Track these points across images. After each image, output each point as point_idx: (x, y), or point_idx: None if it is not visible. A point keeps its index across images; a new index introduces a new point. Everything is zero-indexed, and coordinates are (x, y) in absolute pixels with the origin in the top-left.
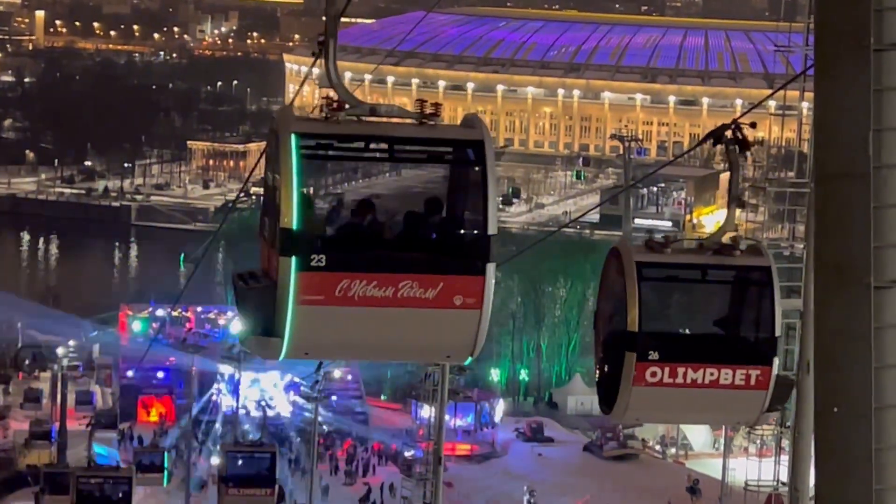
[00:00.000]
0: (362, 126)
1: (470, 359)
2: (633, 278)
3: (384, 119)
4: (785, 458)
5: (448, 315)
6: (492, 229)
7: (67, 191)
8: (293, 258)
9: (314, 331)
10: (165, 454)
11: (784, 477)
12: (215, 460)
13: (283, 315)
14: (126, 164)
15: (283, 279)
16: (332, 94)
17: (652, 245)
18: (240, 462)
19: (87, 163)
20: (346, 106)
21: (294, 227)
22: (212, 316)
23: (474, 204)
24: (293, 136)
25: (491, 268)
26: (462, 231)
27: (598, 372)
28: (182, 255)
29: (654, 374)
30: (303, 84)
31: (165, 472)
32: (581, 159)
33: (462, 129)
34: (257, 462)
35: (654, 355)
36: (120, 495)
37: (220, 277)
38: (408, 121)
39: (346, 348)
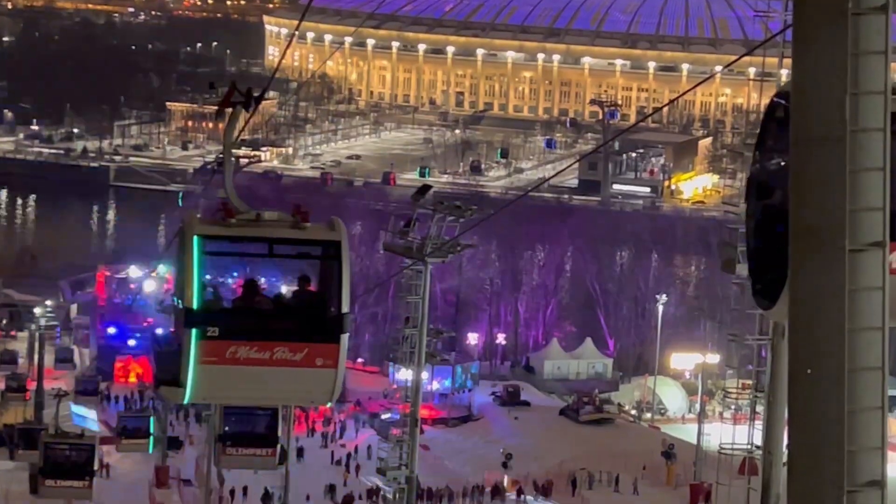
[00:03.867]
0: (249, 229)
1: (330, 403)
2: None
3: (268, 221)
4: (759, 424)
5: (312, 372)
6: (345, 308)
7: (46, 151)
8: (193, 330)
9: (210, 383)
10: (151, 419)
11: (758, 441)
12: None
13: (186, 372)
14: (105, 125)
15: (185, 345)
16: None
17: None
18: (239, 420)
19: (71, 127)
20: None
21: (195, 306)
22: None
23: (333, 288)
24: (195, 238)
25: (344, 337)
26: (323, 309)
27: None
28: (181, 194)
29: None
30: (285, 51)
31: (151, 438)
32: (568, 121)
33: (326, 230)
34: (257, 420)
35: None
36: (84, 460)
37: None
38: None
39: (234, 396)
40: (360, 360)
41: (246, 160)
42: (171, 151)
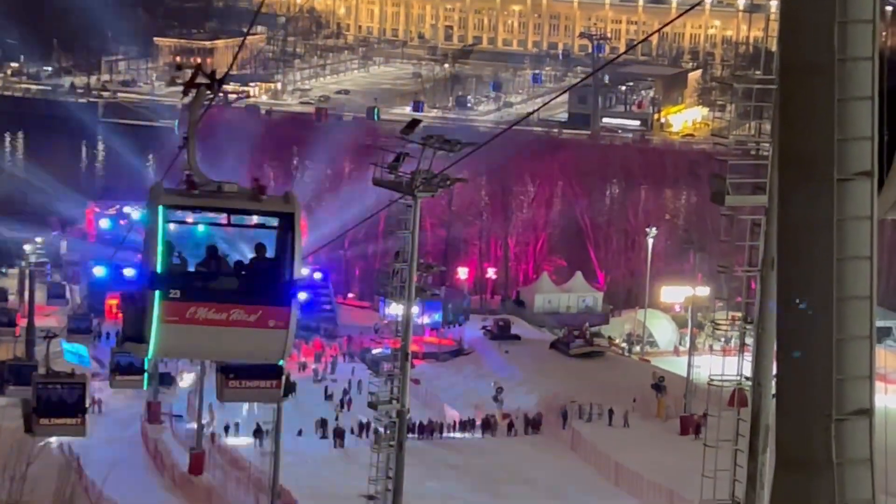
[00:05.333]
0: (210, 200)
1: (281, 361)
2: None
3: (229, 193)
4: (748, 355)
5: (265, 333)
6: (297, 275)
7: (33, 87)
8: (157, 292)
9: (171, 341)
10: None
11: (747, 372)
12: None
13: (150, 330)
14: (92, 61)
15: (150, 306)
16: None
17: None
18: None
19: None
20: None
21: (159, 270)
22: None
23: (286, 257)
24: (160, 207)
25: (295, 302)
26: (276, 276)
27: None
28: (176, 122)
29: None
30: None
31: (146, 375)
32: (560, 54)
33: (281, 203)
34: None
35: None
36: (76, 398)
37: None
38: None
39: (193, 353)
40: (350, 294)
41: (234, 95)
42: (159, 87)
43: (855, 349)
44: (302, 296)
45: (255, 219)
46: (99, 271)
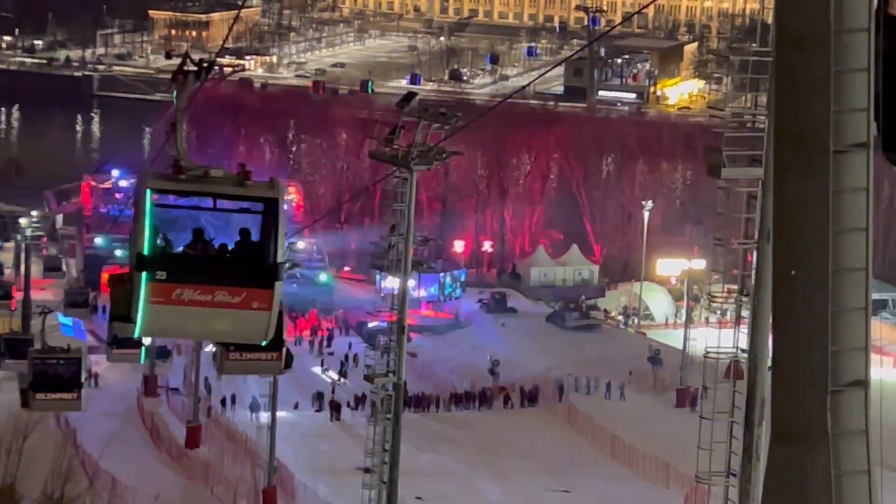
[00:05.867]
0: (196, 184)
1: (264, 342)
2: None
3: (215, 177)
4: (744, 328)
5: (248, 314)
6: (280, 258)
7: (28, 60)
8: (144, 273)
9: (157, 321)
10: None
11: (743, 345)
12: None
13: (137, 310)
14: (87, 34)
15: (137, 286)
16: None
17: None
18: None
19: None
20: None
21: (145, 252)
22: None
23: (270, 241)
24: (148, 191)
25: (278, 284)
26: (260, 259)
27: None
28: (174, 93)
29: None
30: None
31: (143, 349)
32: (557, 27)
33: (265, 188)
34: None
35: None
36: (72, 373)
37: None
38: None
39: (179, 332)
40: (346, 268)
41: (230, 69)
42: (154, 60)
43: (851, 321)
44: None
45: (240, 203)
46: (96, 242)
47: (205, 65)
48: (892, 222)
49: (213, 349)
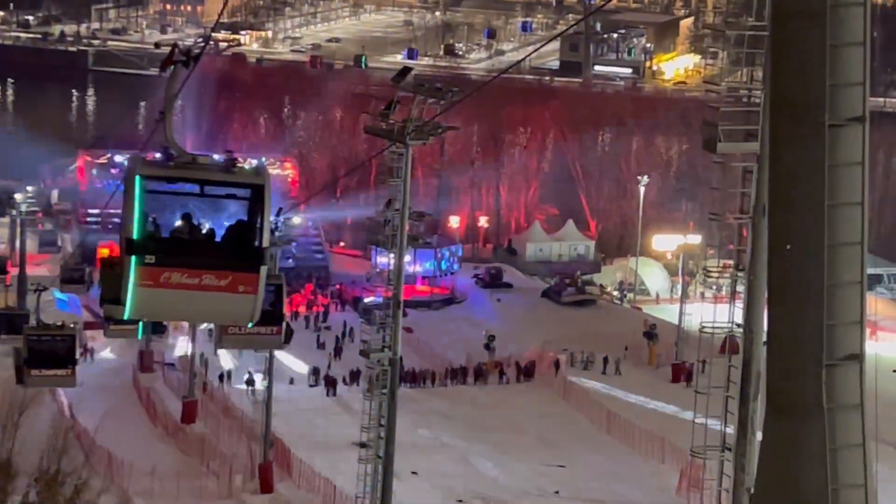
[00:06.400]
0: (185, 171)
1: (251, 323)
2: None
3: (203, 164)
4: (740, 303)
5: (234, 297)
6: (265, 244)
7: (23, 35)
8: (133, 257)
9: (147, 303)
10: None
11: (739, 320)
12: None
13: (126, 293)
14: (82, 9)
15: (126, 270)
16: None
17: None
18: None
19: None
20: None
21: (135, 237)
22: None
23: (256, 226)
24: (137, 178)
25: (263, 268)
26: (246, 243)
27: None
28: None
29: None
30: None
31: (140, 324)
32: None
33: (252, 175)
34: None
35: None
36: (66, 350)
37: (180, 125)
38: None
39: (167, 315)
40: (342, 243)
41: (225, 44)
42: (149, 35)
43: (846, 295)
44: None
45: (227, 189)
46: (92, 217)
47: (193, 54)
48: (887, 196)
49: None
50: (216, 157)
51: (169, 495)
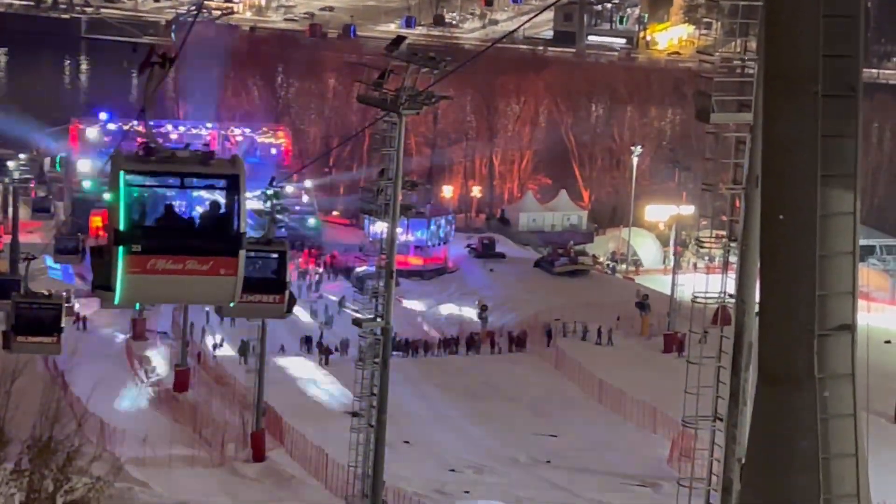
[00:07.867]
0: (165, 165)
1: (232, 304)
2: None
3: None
4: (732, 273)
5: (216, 280)
6: (243, 229)
7: (16, 2)
8: (121, 247)
9: (135, 289)
10: None
11: (731, 290)
12: None
13: (115, 280)
14: None
15: (114, 259)
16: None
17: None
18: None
19: None
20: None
21: (122, 228)
22: (163, 130)
23: (233, 213)
24: (121, 173)
25: (242, 252)
26: (225, 230)
27: None
28: (173, 34)
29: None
30: None
31: None
32: None
33: (228, 166)
34: (265, 265)
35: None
36: (52, 318)
37: (172, 93)
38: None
39: (155, 299)
40: (335, 212)
41: (219, 12)
42: (142, 3)
43: (838, 265)
44: None
45: (205, 180)
46: (84, 185)
47: (170, 58)
48: (880, 167)
49: None
50: (192, 147)
51: (161, 463)
